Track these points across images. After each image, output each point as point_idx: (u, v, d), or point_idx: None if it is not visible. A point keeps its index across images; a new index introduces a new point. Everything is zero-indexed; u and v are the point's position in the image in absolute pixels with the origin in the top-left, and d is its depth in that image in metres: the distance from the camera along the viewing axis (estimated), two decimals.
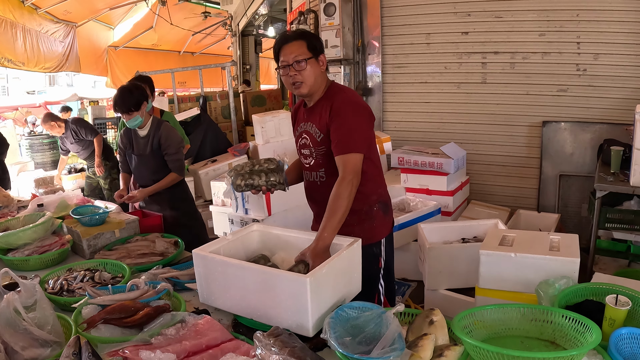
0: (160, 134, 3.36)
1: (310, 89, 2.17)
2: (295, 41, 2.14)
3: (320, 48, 2.19)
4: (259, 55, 12.10)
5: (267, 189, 2.23)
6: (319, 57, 2.17)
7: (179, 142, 3.44)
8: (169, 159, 3.39)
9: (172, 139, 3.38)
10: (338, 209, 1.99)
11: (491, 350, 1.34)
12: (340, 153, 2.09)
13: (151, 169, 3.43)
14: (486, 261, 2.23)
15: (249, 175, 2.18)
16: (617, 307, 1.55)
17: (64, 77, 23.73)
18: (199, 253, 1.90)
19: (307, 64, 2.12)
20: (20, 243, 2.62)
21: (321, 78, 2.20)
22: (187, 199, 3.66)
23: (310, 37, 2.18)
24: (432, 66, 5.24)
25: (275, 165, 2.21)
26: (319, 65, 2.17)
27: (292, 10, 6.45)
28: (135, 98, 3.23)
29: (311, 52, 2.13)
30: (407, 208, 4.49)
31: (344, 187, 2.03)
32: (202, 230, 3.77)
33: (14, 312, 1.61)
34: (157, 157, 3.38)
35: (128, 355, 1.50)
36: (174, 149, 3.38)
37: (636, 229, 3.56)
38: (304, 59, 2.11)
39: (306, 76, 2.13)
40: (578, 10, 4.46)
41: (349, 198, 2.03)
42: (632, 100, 4.20)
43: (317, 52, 2.16)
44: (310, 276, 1.62)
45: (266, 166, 2.19)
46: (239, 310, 1.83)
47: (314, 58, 2.14)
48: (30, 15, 7.38)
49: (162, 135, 3.35)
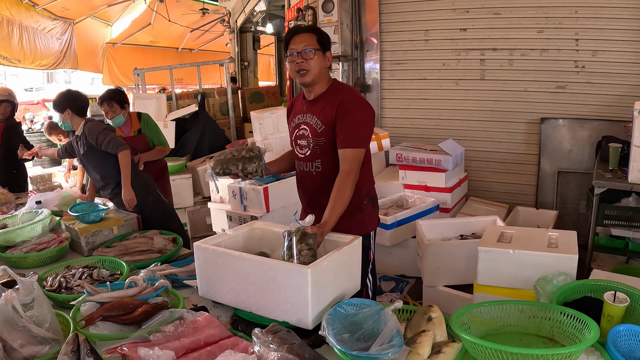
0: (85, 131, 3.28)
1: (314, 79, 2.25)
2: (307, 33, 2.25)
3: (328, 45, 2.30)
4: (257, 52, 12.07)
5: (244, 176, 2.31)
6: (326, 52, 2.28)
7: (100, 128, 3.28)
8: (105, 147, 3.24)
9: (93, 130, 3.25)
10: (343, 199, 2.10)
11: (489, 346, 1.35)
12: (346, 146, 2.18)
13: (93, 165, 3.37)
14: (484, 258, 2.24)
15: (227, 163, 2.27)
16: (615, 304, 1.56)
17: (61, 74, 23.62)
18: (201, 245, 1.91)
19: (314, 54, 2.22)
20: (19, 240, 2.62)
21: (324, 72, 2.29)
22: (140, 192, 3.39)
23: (321, 32, 2.30)
24: (430, 63, 5.23)
25: (255, 153, 2.29)
26: (325, 59, 2.28)
27: (291, 7, 6.43)
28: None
29: (320, 45, 2.24)
30: (406, 205, 4.49)
31: (349, 180, 2.13)
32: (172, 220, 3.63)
33: (12, 310, 1.61)
34: (92, 153, 3.30)
35: (126, 352, 1.50)
36: (101, 137, 3.23)
37: (634, 225, 3.56)
38: (313, 49, 2.22)
39: (312, 65, 2.22)
40: (577, 7, 4.45)
41: (352, 190, 2.14)
42: (630, 97, 4.19)
43: (325, 47, 2.27)
44: (312, 267, 1.62)
45: (245, 154, 2.28)
46: (238, 304, 1.83)
47: (321, 51, 2.24)
48: (27, 12, 7.36)
49: (86, 132, 3.27)
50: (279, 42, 12.13)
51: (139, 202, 3.32)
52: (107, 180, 3.36)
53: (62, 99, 3.29)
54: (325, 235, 1.99)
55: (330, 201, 2.10)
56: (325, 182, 2.23)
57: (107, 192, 3.44)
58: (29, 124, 10.16)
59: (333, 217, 2.05)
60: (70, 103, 3.28)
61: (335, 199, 2.10)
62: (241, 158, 2.27)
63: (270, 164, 2.43)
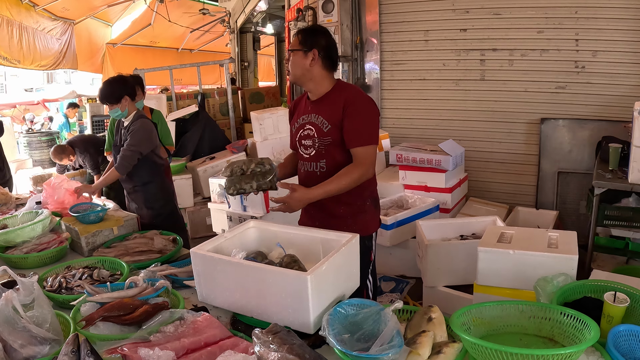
0: (133, 126, 3.29)
1: (295, 78, 2.29)
2: (296, 35, 2.30)
3: (312, 43, 2.26)
4: (257, 52, 12.07)
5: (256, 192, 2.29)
6: (310, 51, 2.25)
7: (140, 139, 3.28)
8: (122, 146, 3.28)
9: (136, 135, 3.25)
10: (341, 183, 2.13)
11: (489, 347, 1.34)
12: (359, 145, 2.19)
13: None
14: (484, 258, 2.24)
15: (240, 182, 2.23)
16: (615, 304, 1.55)
17: (61, 75, 23.66)
18: (197, 252, 1.89)
19: (293, 54, 2.26)
20: (19, 241, 2.61)
21: (308, 71, 2.27)
22: (162, 199, 3.52)
23: (306, 32, 2.30)
24: (430, 63, 5.24)
25: (267, 167, 2.24)
26: (305, 59, 2.25)
27: (291, 7, 6.43)
28: (115, 91, 3.24)
29: (301, 45, 2.25)
30: (406, 205, 4.49)
31: (357, 171, 2.16)
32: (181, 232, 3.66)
33: (12, 310, 1.60)
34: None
35: (127, 352, 1.50)
36: (131, 142, 3.24)
37: (634, 226, 3.56)
38: (291, 49, 2.27)
39: (291, 66, 2.28)
40: (577, 8, 4.45)
41: (356, 182, 2.16)
42: (630, 97, 4.19)
43: (308, 45, 2.25)
44: (311, 274, 1.62)
45: (257, 170, 2.23)
46: (238, 309, 1.83)
47: (301, 51, 2.24)
48: (27, 12, 7.36)
49: (131, 128, 3.28)
50: (279, 43, 12.15)
51: (157, 208, 3.44)
52: (132, 177, 3.39)
53: (116, 88, 3.23)
54: (304, 201, 2.07)
55: (327, 180, 2.13)
56: None
57: (129, 187, 3.49)
58: (29, 124, 10.17)
59: (319, 190, 2.10)
60: (126, 89, 3.25)
61: (334, 179, 2.13)
62: (253, 175, 2.22)
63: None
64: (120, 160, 3.27)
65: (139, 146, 3.27)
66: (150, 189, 3.45)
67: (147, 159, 3.37)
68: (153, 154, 3.41)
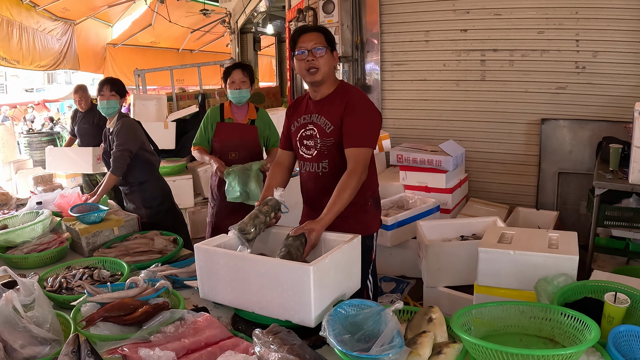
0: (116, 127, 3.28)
1: (324, 77, 2.25)
2: (316, 32, 2.26)
3: (334, 45, 2.31)
4: (257, 52, 12.07)
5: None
6: (333, 51, 2.28)
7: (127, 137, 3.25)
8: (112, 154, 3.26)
9: (121, 134, 3.24)
10: (344, 198, 2.09)
11: (490, 347, 1.34)
12: (354, 146, 2.18)
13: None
14: (485, 258, 2.23)
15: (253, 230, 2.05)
16: (615, 305, 1.56)
17: (62, 75, 23.70)
18: (201, 247, 1.91)
19: (324, 52, 2.23)
20: (19, 241, 2.61)
21: (332, 71, 2.30)
22: (159, 197, 3.50)
23: (328, 32, 2.32)
24: (431, 63, 5.24)
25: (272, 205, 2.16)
26: (333, 59, 2.28)
27: (291, 8, 6.44)
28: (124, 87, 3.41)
29: (328, 44, 2.25)
30: (406, 205, 4.49)
31: (353, 179, 2.12)
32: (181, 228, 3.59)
33: (12, 310, 1.61)
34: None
35: (127, 353, 1.50)
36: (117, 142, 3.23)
37: (635, 226, 3.56)
38: (323, 47, 2.22)
39: (322, 63, 2.22)
40: (577, 8, 4.45)
41: (356, 190, 2.13)
42: (630, 97, 4.19)
43: (332, 46, 2.28)
44: (314, 265, 1.63)
45: (264, 210, 2.12)
46: (240, 304, 1.83)
47: (329, 50, 2.26)
48: (28, 13, 7.36)
49: (115, 130, 3.27)
50: (279, 43, 12.14)
51: (155, 206, 3.44)
52: (128, 177, 3.38)
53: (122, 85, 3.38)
54: (319, 232, 1.97)
55: (331, 199, 2.09)
56: (331, 183, 2.20)
57: (125, 188, 3.49)
58: (29, 124, 10.18)
59: (330, 215, 2.04)
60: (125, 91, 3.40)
61: (336, 197, 2.09)
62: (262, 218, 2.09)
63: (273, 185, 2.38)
64: (113, 163, 3.27)
65: (126, 144, 3.27)
66: (146, 188, 3.44)
67: (140, 158, 3.35)
68: (144, 151, 3.39)
